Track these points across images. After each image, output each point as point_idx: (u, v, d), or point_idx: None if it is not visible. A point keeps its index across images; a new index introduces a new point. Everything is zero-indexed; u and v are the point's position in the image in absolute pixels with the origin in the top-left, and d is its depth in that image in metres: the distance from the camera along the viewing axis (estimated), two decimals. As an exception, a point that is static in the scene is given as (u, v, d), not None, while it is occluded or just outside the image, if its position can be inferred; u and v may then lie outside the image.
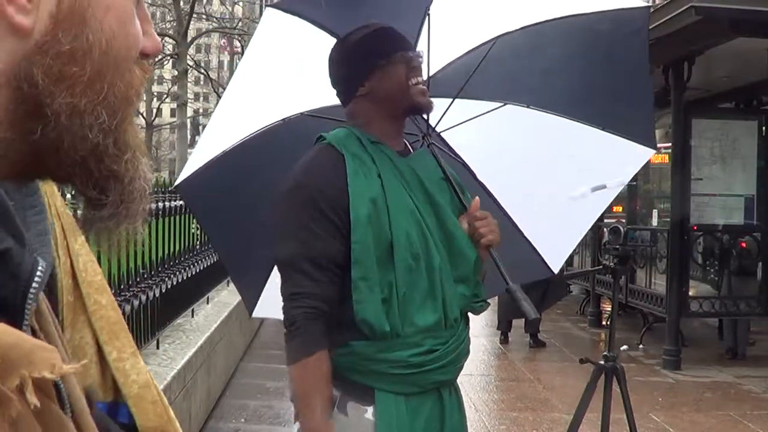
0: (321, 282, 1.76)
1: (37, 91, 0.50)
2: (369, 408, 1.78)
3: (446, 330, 1.83)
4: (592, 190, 2.34)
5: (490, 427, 5.33)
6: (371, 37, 1.89)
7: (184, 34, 23.51)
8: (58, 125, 0.51)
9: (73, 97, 0.51)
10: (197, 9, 25.34)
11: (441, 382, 1.85)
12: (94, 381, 1.31)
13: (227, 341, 6.03)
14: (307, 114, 2.21)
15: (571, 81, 2.41)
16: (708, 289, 7.79)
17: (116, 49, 0.53)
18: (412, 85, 1.85)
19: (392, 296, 1.77)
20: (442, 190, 1.93)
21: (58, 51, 0.51)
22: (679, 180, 7.30)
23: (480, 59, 2.24)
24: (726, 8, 5.97)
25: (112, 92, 0.53)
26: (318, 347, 1.74)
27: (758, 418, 5.59)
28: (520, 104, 2.38)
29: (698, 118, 7.62)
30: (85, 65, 0.52)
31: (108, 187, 0.56)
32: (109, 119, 0.53)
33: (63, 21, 0.51)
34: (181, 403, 4.20)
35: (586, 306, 9.73)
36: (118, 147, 0.55)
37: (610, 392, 3.64)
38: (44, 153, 0.53)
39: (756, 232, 7.67)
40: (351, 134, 1.87)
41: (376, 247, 1.76)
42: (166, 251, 4.90)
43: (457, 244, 1.87)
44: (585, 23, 2.31)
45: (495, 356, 7.62)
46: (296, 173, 1.84)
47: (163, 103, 47.87)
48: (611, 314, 3.89)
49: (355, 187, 1.77)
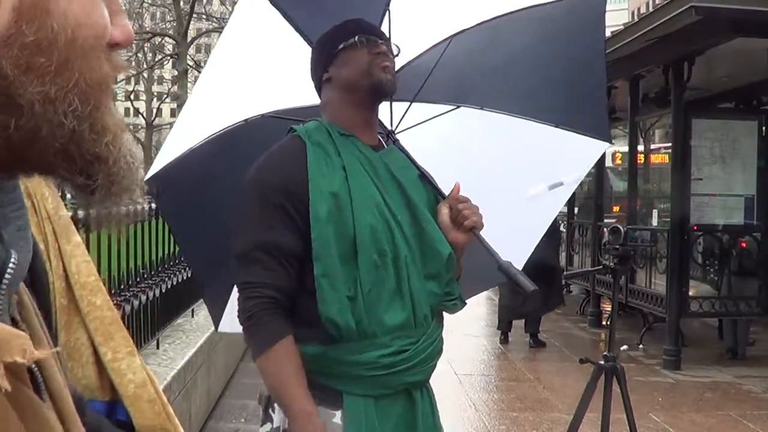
0: (276, 272, 1.71)
1: (7, 82, 0.51)
2: (337, 412, 1.72)
3: (416, 329, 1.78)
4: (549, 188, 2.33)
5: (490, 427, 5.33)
6: (337, 26, 1.87)
7: (184, 34, 23.53)
8: (33, 114, 0.52)
9: (44, 85, 0.52)
10: (197, 9, 25.35)
11: (412, 383, 1.79)
12: (91, 381, 1.31)
13: (227, 341, 6.02)
14: (269, 115, 2.13)
15: (523, 78, 2.38)
16: (708, 289, 7.79)
17: (83, 37, 0.54)
18: (373, 64, 1.80)
19: (357, 293, 1.71)
20: (416, 186, 1.89)
21: (22, 42, 0.51)
22: (679, 180, 7.30)
23: (435, 61, 2.21)
24: (726, 8, 5.97)
25: (83, 79, 0.54)
26: (282, 335, 1.69)
27: (758, 418, 5.59)
28: (474, 106, 2.35)
29: (698, 118, 7.62)
30: (52, 55, 0.52)
31: (93, 171, 0.57)
32: (82, 106, 0.54)
33: (26, 13, 0.51)
34: (181, 403, 4.20)
35: (586, 306, 9.73)
36: (95, 131, 0.56)
37: (610, 392, 3.64)
38: (23, 145, 0.53)
39: (756, 232, 7.66)
40: (321, 126, 1.83)
41: (338, 243, 1.71)
42: (166, 251, 4.91)
43: (429, 240, 1.82)
44: (541, 14, 2.27)
45: (495, 356, 7.62)
46: (258, 164, 1.81)
47: (163, 103, 47.88)
48: (611, 314, 3.90)
49: (315, 181, 1.72)
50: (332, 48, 1.84)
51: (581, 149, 2.40)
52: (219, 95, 2.22)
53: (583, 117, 2.37)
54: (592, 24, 2.33)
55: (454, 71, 2.30)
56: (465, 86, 2.37)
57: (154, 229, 4.62)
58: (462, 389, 5.99)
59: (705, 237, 7.73)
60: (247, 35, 2.19)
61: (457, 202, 1.87)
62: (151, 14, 35.90)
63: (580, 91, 2.40)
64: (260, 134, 2.10)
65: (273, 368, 1.70)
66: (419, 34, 2.25)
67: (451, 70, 2.27)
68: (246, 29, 2.18)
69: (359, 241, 1.72)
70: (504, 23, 2.26)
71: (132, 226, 4.06)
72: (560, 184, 2.35)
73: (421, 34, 2.26)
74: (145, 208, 4.29)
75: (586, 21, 2.32)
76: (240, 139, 2.14)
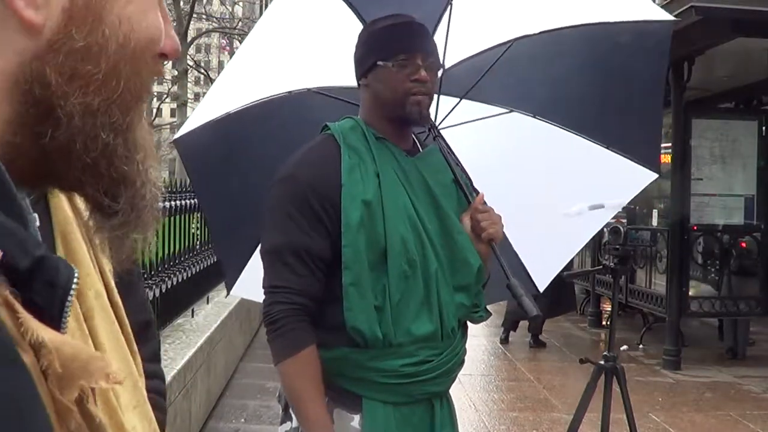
0: (305, 278, 1.69)
1: (49, 92, 0.47)
2: (356, 416, 1.70)
3: (442, 341, 1.75)
4: (589, 208, 2.27)
5: (490, 427, 5.33)
6: (384, 31, 1.80)
7: (184, 34, 23.51)
8: (71, 127, 0.48)
9: (86, 96, 0.49)
10: (197, 9, 25.34)
11: (433, 392, 1.78)
12: None
13: (227, 341, 6.02)
14: (315, 90, 2.11)
15: (581, 93, 2.32)
16: (708, 289, 7.78)
17: (135, 41, 0.51)
18: (409, 94, 1.74)
19: (385, 303, 1.68)
20: (448, 193, 1.85)
21: (71, 48, 0.48)
22: (679, 180, 7.30)
23: (492, 62, 2.18)
24: (726, 8, 5.97)
25: (128, 89, 0.51)
26: (307, 343, 1.67)
27: (758, 418, 5.59)
28: (527, 113, 2.31)
29: (698, 118, 7.61)
30: (100, 62, 0.49)
31: (119, 193, 0.53)
32: (123, 117, 0.51)
33: (77, 16, 0.48)
34: (181, 403, 4.20)
35: (586, 306, 9.72)
36: (128, 147, 0.52)
37: (610, 392, 3.64)
38: (54, 157, 0.50)
39: (756, 232, 7.66)
40: (357, 127, 1.79)
41: (368, 251, 1.68)
42: (166, 251, 4.90)
43: (459, 252, 1.79)
44: (606, 33, 2.22)
45: (495, 356, 7.62)
46: (292, 163, 1.77)
47: (163, 103, 47.86)
48: (611, 314, 3.89)
49: (348, 188, 1.69)
50: (372, 57, 1.78)
51: (628, 175, 2.33)
52: (264, 64, 2.19)
53: (636, 143, 2.30)
54: (657, 52, 2.28)
55: (512, 75, 2.26)
56: (520, 91, 2.32)
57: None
58: (462, 389, 5.99)
59: (705, 237, 7.72)
60: (299, 6, 2.16)
61: (477, 212, 1.84)
62: (151, 14, 35.82)
63: (636, 116, 2.34)
64: (302, 107, 2.10)
65: (294, 375, 1.68)
66: (480, 32, 2.22)
67: (509, 73, 2.23)
68: (298, 1, 2.14)
69: (390, 251, 1.69)
70: (568, 35, 2.22)
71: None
72: (601, 206, 2.29)
73: (482, 33, 2.23)
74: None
75: (651, 48, 2.26)
76: (281, 109, 2.13)
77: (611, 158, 2.29)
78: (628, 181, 2.37)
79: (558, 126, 2.30)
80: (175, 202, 5.09)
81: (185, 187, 5.57)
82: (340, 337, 1.69)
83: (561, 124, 2.29)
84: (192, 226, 5.75)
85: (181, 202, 5.30)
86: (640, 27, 2.20)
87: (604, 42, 2.26)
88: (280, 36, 2.17)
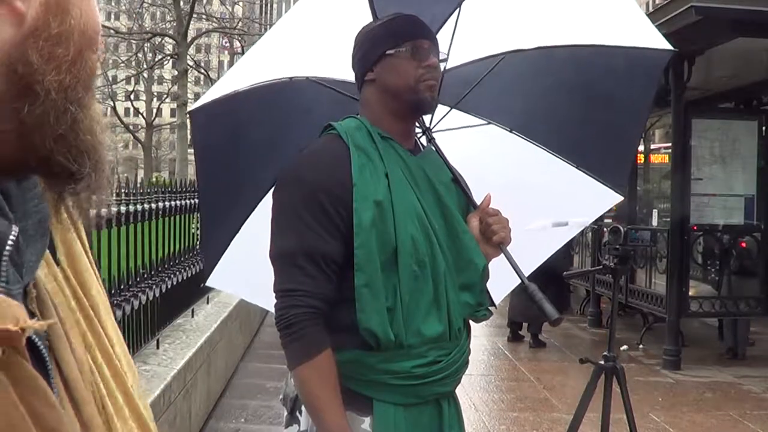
0: (317, 279, 1.66)
1: (31, 70, 0.56)
2: (366, 419, 1.69)
3: (450, 341, 1.75)
4: (552, 225, 2.27)
5: (490, 427, 5.33)
6: (388, 23, 1.79)
7: (184, 34, 23.52)
8: (47, 101, 0.57)
9: (60, 74, 0.58)
10: (197, 9, 25.34)
11: (441, 393, 1.78)
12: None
13: (227, 341, 6.03)
14: (313, 80, 2.11)
15: (562, 111, 2.33)
16: (708, 289, 7.78)
17: (90, 30, 0.61)
18: (420, 80, 1.74)
19: (396, 304, 1.67)
20: (450, 191, 1.86)
21: (48, 34, 0.57)
22: (679, 180, 7.30)
23: (484, 72, 2.18)
24: (726, 8, 5.97)
25: (86, 69, 0.60)
26: (323, 347, 1.64)
27: (758, 418, 5.59)
28: (504, 126, 2.31)
29: (698, 118, 7.61)
30: (70, 46, 0.58)
31: (84, 160, 0.61)
32: (85, 94, 0.61)
33: (52, 7, 0.57)
34: (181, 403, 4.20)
35: (586, 306, 9.73)
36: (89, 120, 0.61)
37: (610, 392, 3.65)
38: (31, 130, 0.58)
39: (756, 232, 7.66)
40: (362, 126, 1.77)
41: (380, 252, 1.66)
42: (166, 251, 4.91)
43: (465, 251, 1.78)
44: (599, 56, 2.22)
45: (495, 356, 7.62)
46: (300, 165, 1.75)
47: (163, 103, 47.87)
48: (611, 314, 3.90)
49: (360, 188, 1.67)
50: (379, 48, 1.77)
51: (595, 195, 2.34)
52: (277, 47, 2.20)
53: (606, 165, 2.31)
54: (648, 78, 2.28)
55: (496, 87, 2.25)
56: (501, 105, 2.32)
57: (154, 229, 4.62)
58: (462, 389, 5.95)
59: (705, 237, 7.72)
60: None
61: (486, 215, 1.84)
62: (151, 14, 35.89)
63: (612, 140, 2.35)
64: (300, 96, 2.10)
65: (312, 381, 1.65)
66: (476, 42, 2.22)
67: (494, 85, 2.22)
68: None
69: (400, 251, 1.67)
70: (561, 54, 2.22)
71: (132, 226, 4.06)
72: (565, 224, 2.29)
73: (478, 42, 2.22)
74: (146, 209, 4.30)
75: (641, 74, 2.26)
76: (281, 94, 2.13)
77: (580, 178, 2.30)
78: (594, 201, 2.39)
79: (531, 142, 2.30)
80: (175, 202, 5.09)
81: (185, 187, 5.58)
82: (351, 339, 1.67)
83: (535, 140, 2.30)
84: (192, 226, 5.75)
85: (181, 202, 5.31)
86: (635, 53, 2.18)
87: (594, 65, 2.25)
88: (300, 23, 2.17)
